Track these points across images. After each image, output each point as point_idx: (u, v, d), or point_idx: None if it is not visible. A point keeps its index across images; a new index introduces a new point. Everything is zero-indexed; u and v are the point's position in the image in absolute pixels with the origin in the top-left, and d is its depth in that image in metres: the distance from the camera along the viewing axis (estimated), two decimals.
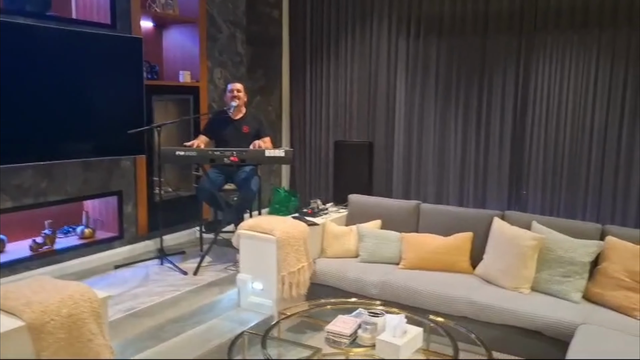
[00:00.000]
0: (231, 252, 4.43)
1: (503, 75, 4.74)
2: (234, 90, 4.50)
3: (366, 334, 2.66)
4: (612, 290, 3.20)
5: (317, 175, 5.84)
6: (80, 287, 2.45)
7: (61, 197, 4.06)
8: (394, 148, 5.32)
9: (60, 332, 2.27)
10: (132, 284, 3.84)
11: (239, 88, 4.53)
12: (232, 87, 4.53)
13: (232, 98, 4.47)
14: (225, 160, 4.00)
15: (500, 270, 3.53)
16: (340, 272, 3.84)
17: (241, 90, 4.53)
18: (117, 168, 4.43)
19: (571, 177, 4.54)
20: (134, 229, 4.60)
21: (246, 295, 3.83)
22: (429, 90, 5.09)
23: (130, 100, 4.30)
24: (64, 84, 3.87)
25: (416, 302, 3.52)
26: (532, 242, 3.42)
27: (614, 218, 4.36)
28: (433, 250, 3.82)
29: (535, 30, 4.56)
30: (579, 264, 3.33)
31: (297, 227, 3.87)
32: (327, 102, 5.69)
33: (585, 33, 4.37)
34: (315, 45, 5.69)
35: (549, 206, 4.63)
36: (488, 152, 4.87)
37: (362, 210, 4.36)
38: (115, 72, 4.19)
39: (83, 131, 4.02)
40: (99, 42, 4.06)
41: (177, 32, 5.18)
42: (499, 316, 3.25)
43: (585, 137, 4.46)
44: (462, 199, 5.02)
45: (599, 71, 4.36)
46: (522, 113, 4.70)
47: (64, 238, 4.28)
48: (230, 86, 4.55)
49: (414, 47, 5.12)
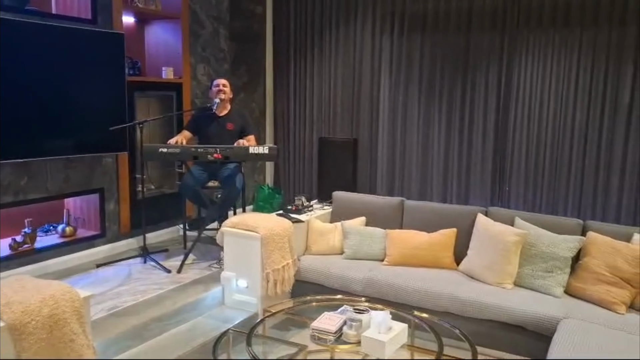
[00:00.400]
0: (215, 249, 4.40)
1: (486, 73, 4.77)
2: (220, 85, 4.46)
3: (351, 331, 2.66)
4: (593, 284, 3.25)
5: (301, 172, 5.82)
6: (61, 287, 2.41)
7: (41, 195, 3.99)
8: (378, 145, 5.33)
9: (41, 332, 2.23)
10: (115, 282, 3.79)
11: (224, 83, 4.49)
12: (217, 82, 4.49)
13: (217, 92, 4.43)
14: (208, 157, 3.97)
15: (484, 266, 3.56)
16: (325, 269, 3.84)
17: (227, 86, 4.50)
18: (99, 165, 4.37)
19: (553, 174, 4.59)
20: (116, 227, 4.55)
21: (230, 293, 3.81)
22: (412, 87, 5.11)
23: (112, 97, 4.24)
24: (44, 80, 3.80)
25: (400, 299, 3.53)
26: (515, 238, 3.46)
27: (595, 214, 4.42)
28: (417, 246, 3.84)
29: (518, 28, 4.60)
30: (561, 259, 3.37)
31: (281, 224, 3.86)
32: (311, 98, 5.67)
33: (567, 32, 4.42)
34: (299, 41, 5.67)
35: (531, 202, 4.68)
36: (471, 149, 4.90)
37: (347, 207, 4.36)
38: (97, 68, 4.12)
39: (64, 128, 3.95)
40: (80, 38, 3.99)
41: (160, 28, 5.12)
42: (482, 311, 3.27)
43: (567, 135, 4.51)
44: (446, 195, 5.05)
45: (580, 69, 4.41)
46: (505, 110, 4.74)
47: (44, 237, 4.21)
48: (215, 81, 4.51)
49: (397, 44, 5.13)
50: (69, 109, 3.98)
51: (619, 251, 3.23)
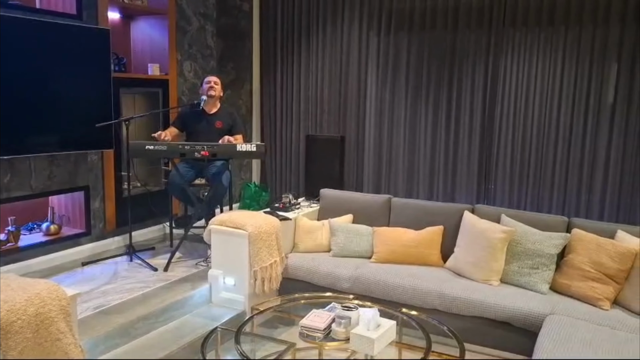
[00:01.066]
0: (202, 247, 4.38)
1: (472, 71, 4.81)
2: (211, 82, 4.46)
3: (340, 328, 2.67)
4: (578, 281, 3.29)
5: (288, 169, 5.82)
6: (48, 285, 2.38)
7: (25, 193, 3.93)
8: (365, 142, 5.34)
9: (27, 331, 2.20)
10: (101, 281, 3.76)
11: (215, 80, 4.50)
12: (209, 78, 4.50)
13: (208, 89, 4.43)
14: (196, 155, 3.94)
15: (471, 263, 3.59)
16: (313, 267, 3.84)
17: (218, 83, 4.50)
18: (84, 162, 4.32)
19: (538, 172, 4.65)
20: (102, 225, 4.50)
21: (218, 291, 3.80)
22: (399, 85, 5.13)
23: (98, 93, 4.19)
24: (28, 76, 3.74)
25: (388, 296, 3.55)
26: (502, 235, 3.49)
27: (579, 211, 4.48)
28: (404, 243, 3.86)
29: (504, 27, 4.64)
30: (546, 255, 3.41)
31: (269, 221, 3.85)
32: (298, 96, 5.67)
33: (552, 31, 4.47)
34: (286, 38, 5.66)
35: (516, 200, 4.73)
36: (457, 147, 4.94)
37: (334, 204, 4.37)
38: (82, 64, 4.07)
39: (48, 124, 3.90)
40: (65, 33, 3.93)
41: (146, 24, 5.07)
42: (469, 308, 3.30)
43: (552, 133, 4.57)
44: (432, 193, 5.08)
45: (564, 68, 4.46)
46: (491, 108, 4.78)
47: (28, 235, 4.16)
48: (207, 78, 4.52)
49: (384, 42, 5.15)
50: (54, 105, 3.92)
51: (603, 248, 3.28)
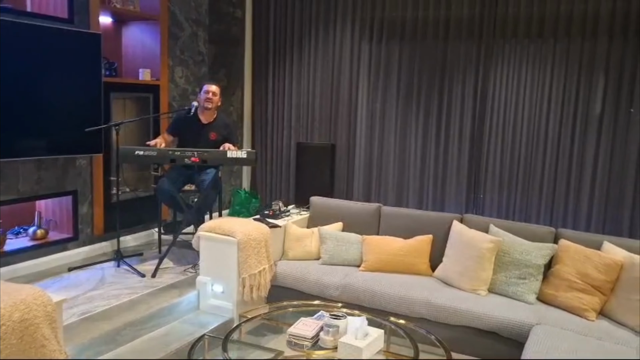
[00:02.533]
0: (191, 254, 4.36)
1: (462, 81, 4.85)
2: (210, 93, 4.33)
3: (328, 337, 2.67)
4: (565, 291, 3.31)
5: (278, 176, 5.82)
6: (33, 291, 2.36)
7: (12, 197, 3.89)
8: (355, 151, 5.36)
9: (11, 337, 2.18)
10: (87, 286, 3.72)
11: (214, 91, 4.35)
12: (207, 88, 4.35)
13: (205, 100, 4.32)
14: (186, 161, 3.93)
15: (459, 273, 3.60)
16: (301, 275, 3.84)
17: (217, 94, 4.37)
18: (73, 167, 4.29)
19: (526, 182, 4.69)
20: (90, 230, 4.47)
21: (206, 298, 3.78)
22: (390, 94, 5.16)
23: (88, 97, 4.16)
24: (17, 80, 3.71)
25: (376, 304, 3.55)
26: (490, 245, 3.51)
27: (566, 221, 4.52)
28: (393, 252, 3.87)
29: (494, 38, 4.69)
30: (533, 266, 3.43)
31: (258, 229, 3.84)
32: (290, 103, 5.68)
33: (541, 43, 4.52)
34: (278, 46, 5.67)
35: (504, 209, 4.76)
36: (447, 156, 4.97)
37: (324, 212, 4.37)
38: (72, 68, 4.05)
39: (37, 128, 3.87)
40: (55, 37, 3.92)
41: (137, 29, 5.06)
42: (456, 317, 3.31)
43: (540, 144, 4.61)
44: (422, 201, 5.10)
45: (553, 80, 4.52)
46: (481, 119, 4.82)
47: (14, 239, 4.11)
48: (205, 87, 4.37)
49: (376, 51, 5.18)
50: (43, 109, 3.89)
51: (590, 259, 3.31)
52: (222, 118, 4.60)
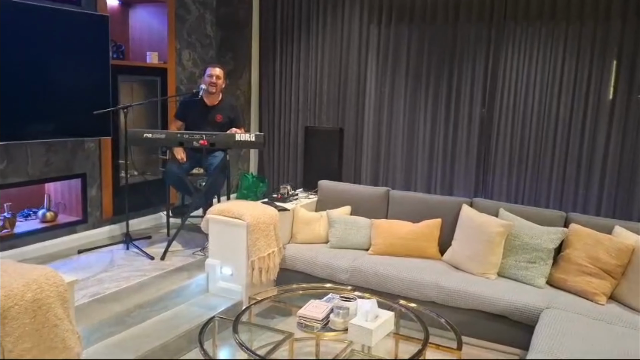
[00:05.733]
0: (199, 237, 4.37)
1: (472, 64, 4.79)
2: (214, 77, 4.32)
3: (338, 319, 2.67)
4: (575, 275, 3.30)
5: (286, 160, 5.80)
6: (45, 271, 2.37)
7: (22, 179, 3.90)
8: (363, 134, 5.33)
9: (24, 317, 2.19)
10: (97, 268, 3.74)
11: (218, 74, 4.34)
12: (211, 71, 4.34)
13: (210, 84, 4.32)
14: (194, 144, 3.92)
15: (468, 256, 3.59)
16: (310, 258, 3.84)
17: (220, 77, 4.36)
18: (81, 150, 4.29)
19: (536, 166, 4.65)
20: (99, 213, 4.48)
21: (215, 281, 3.79)
22: (399, 77, 5.11)
23: (96, 80, 4.15)
24: (25, 62, 3.69)
25: (385, 287, 3.55)
26: (499, 229, 3.50)
27: (576, 206, 4.49)
28: (402, 236, 3.86)
29: (505, 20, 4.62)
30: (543, 250, 3.42)
31: (267, 212, 3.84)
32: (297, 86, 5.64)
33: (553, 25, 4.46)
34: (286, 29, 5.62)
35: (514, 193, 4.73)
36: (456, 140, 4.93)
37: (332, 196, 4.37)
38: (80, 51, 4.03)
39: (46, 110, 3.86)
40: (63, 19, 3.89)
41: (144, 12, 5.02)
42: (466, 301, 3.31)
43: (551, 127, 4.57)
44: (430, 185, 5.08)
45: (565, 63, 4.46)
46: (490, 102, 4.77)
47: (24, 222, 4.13)
48: (209, 70, 4.36)
49: (385, 33, 5.12)
50: (51, 91, 3.88)
51: (601, 243, 3.29)
52: (227, 100, 4.59)
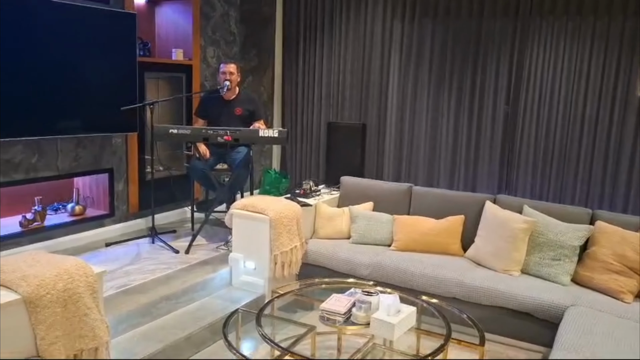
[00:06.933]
0: (222, 231, 4.43)
1: (497, 60, 4.75)
2: (227, 73, 4.41)
3: (360, 313, 2.69)
4: (600, 273, 3.26)
5: (308, 156, 5.83)
6: (76, 262, 2.44)
7: (52, 173, 4.01)
8: (386, 130, 5.32)
9: (56, 305, 2.26)
10: (124, 261, 3.82)
11: (231, 70, 4.42)
12: (224, 68, 4.43)
13: (224, 81, 4.40)
14: (218, 139, 3.97)
15: (491, 253, 3.57)
16: (332, 253, 3.86)
17: (234, 72, 4.44)
18: (109, 145, 4.38)
19: (561, 163, 4.59)
20: (125, 207, 4.57)
21: (238, 274, 3.84)
22: (422, 73, 5.09)
23: (123, 77, 4.23)
24: (56, 59, 3.79)
25: (407, 283, 3.56)
26: (524, 226, 3.47)
27: (602, 204, 4.42)
28: (424, 232, 3.86)
29: (531, 15, 4.57)
30: (569, 247, 3.38)
31: (290, 207, 3.87)
32: (320, 82, 5.66)
33: (580, 20, 4.39)
34: (309, 25, 5.64)
35: (538, 191, 4.68)
36: (480, 136, 4.90)
37: (354, 192, 4.38)
38: (108, 48, 4.11)
39: (74, 107, 3.95)
40: (92, 17, 3.97)
41: (170, 9, 5.10)
42: (489, 298, 3.30)
43: (577, 124, 4.50)
44: (453, 182, 5.05)
45: (592, 59, 4.39)
46: (515, 98, 4.72)
47: (54, 215, 4.24)
48: (222, 67, 4.45)
49: (408, 29, 5.11)
50: (80, 88, 3.97)
51: (628, 241, 3.24)
52: (245, 93, 4.67)
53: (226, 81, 4.38)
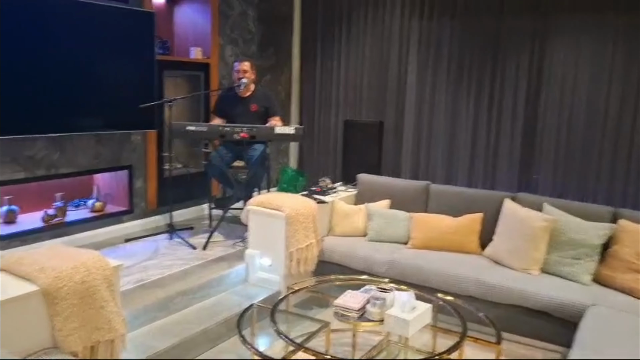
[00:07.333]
0: (239, 228, 4.44)
1: (517, 57, 4.68)
2: (241, 71, 4.42)
3: (375, 309, 2.67)
4: (623, 273, 3.19)
5: (325, 154, 5.82)
6: (93, 255, 2.47)
7: (72, 170, 4.07)
8: (404, 128, 5.29)
9: (73, 297, 2.29)
10: (142, 256, 3.86)
11: (245, 68, 4.43)
12: (238, 66, 4.44)
13: (238, 79, 4.42)
14: (235, 137, 3.99)
15: (510, 252, 3.52)
16: (348, 250, 3.85)
17: (248, 70, 4.44)
18: (128, 142, 4.44)
19: (583, 162, 4.50)
20: (144, 204, 4.62)
21: (254, 271, 3.85)
22: (440, 70, 5.04)
23: (142, 75, 4.28)
24: (76, 57, 3.85)
25: (424, 281, 3.52)
26: (543, 224, 3.41)
27: (625, 203, 4.32)
28: (442, 230, 3.82)
29: (552, 12, 4.49)
30: (590, 246, 3.32)
31: (306, 204, 3.87)
32: (338, 81, 5.65)
33: (602, 16, 4.30)
34: (327, 23, 5.64)
35: (559, 190, 4.59)
36: (499, 135, 4.83)
37: (371, 189, 4.36)
38: (127, 46, 4.16)
39: (94, 104, 4.01)
40: (111, 16, 4.03)
41: (189, 8, 5.14)
42: (506, 296, 3.25)
43: (599, 122, 4.41)
44: (471, 181, 4.99)
45: (615, 56, 4.29)
46: (536, 96, 4.65)
47: (75, 211, 4.30)
48: (237, 65, 4.46)
49: (426, 27, 5.07)
50: (100, 86, 4.03)
51: None
52: (260, 90, 4.68)
53: (243, 79, 4.40)
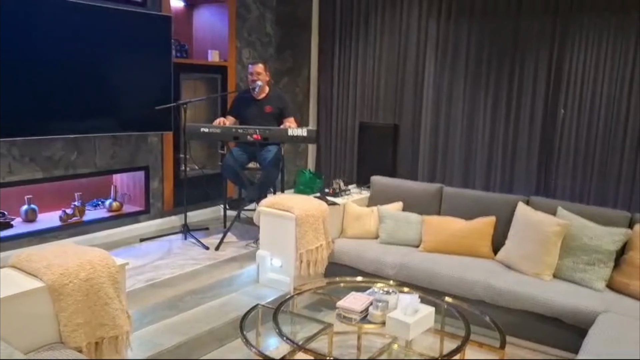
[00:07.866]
0: (254, 229, 4.46)
1: (535, 59, 4.60)
2: (254, 74, 4.45)
3: (377, 311, 2.66)
4: (637, 279, 3.10)
5: (342, 156, 5.82)
6: (98, 253, 2.52)
7: (90, 170, 4.17)
8: (420, 130, 5.25)
9: (78, 294, 2.35)
10: (155, 256, 3.93)
11: (258, 71, 4.46)
12: (252, 69, 4.48)
13: (252, 82, 4.45)
14: (248, 138, 4.03)
15: (522, 256, 3.46)
16: (359, 252, 3.84)
17: (261, 72, 4.47)
18: (145, 144, 4.53)
19: (603, 166, 4.39)
20: (160, 204, 4.70)
21: (265, 272, 3.88)
22: (458, 72, 4.99)
23: (159, 78, 4.36)
24: (95, 60, 3.95)
25: (434, 285, 3.49)
26: (556, 228, 3.34)
27: None
28: (454, 233, 3.78)
29: (572, 11, 4.40)
30: (604, 252, 3.24)
31: (316, 206, 3.88)
32: (355, 83, 5.65)
33: (623, 16, 4.19)
34: (345, 25, 5.64)
35: (578, 194, 4.49)
36: (517, 138, 4.75)
37: (385, 192, 4.34)
38: (145, 50, 4.25)
39: (112, 106, 4.11)
40: (129, 19, 4.12)
41: (207, 12, 5.22)
42: (517, 301, 3.19)
43: (620, 125, 4.30)
44: (489, 184, 4.92)
45: (637, 57, 4.18)
46: (554, 98, 4.56)
47: (92, 210, 4.41)
48: (250, 68, 4.50)
49: (444, 28, 5.02)
50: (117, 88, 4.12)
51: None
52: (275, 91, 4.71)
53: (257, 81, 4.44)
